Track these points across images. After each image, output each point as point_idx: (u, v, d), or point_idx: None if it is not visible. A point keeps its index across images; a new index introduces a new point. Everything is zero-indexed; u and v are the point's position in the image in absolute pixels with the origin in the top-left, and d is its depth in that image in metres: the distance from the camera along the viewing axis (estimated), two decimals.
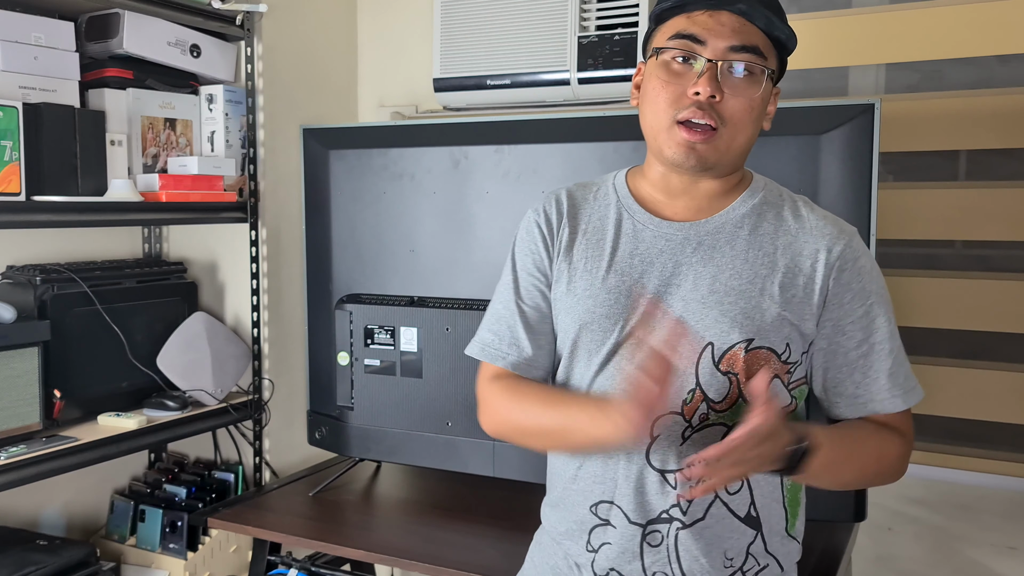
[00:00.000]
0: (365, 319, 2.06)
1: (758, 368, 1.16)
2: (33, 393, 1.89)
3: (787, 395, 1.20)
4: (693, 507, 1.19)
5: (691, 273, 1.18)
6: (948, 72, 1.99)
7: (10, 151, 1.75)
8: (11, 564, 1.77)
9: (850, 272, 1.18)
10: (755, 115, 1.16)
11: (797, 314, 1.17)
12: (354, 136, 2.11)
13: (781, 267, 1.18)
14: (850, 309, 1.18)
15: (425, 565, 1.73)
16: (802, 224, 1.21)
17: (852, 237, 1.20)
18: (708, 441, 1.15)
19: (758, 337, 1.16)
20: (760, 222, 1.21)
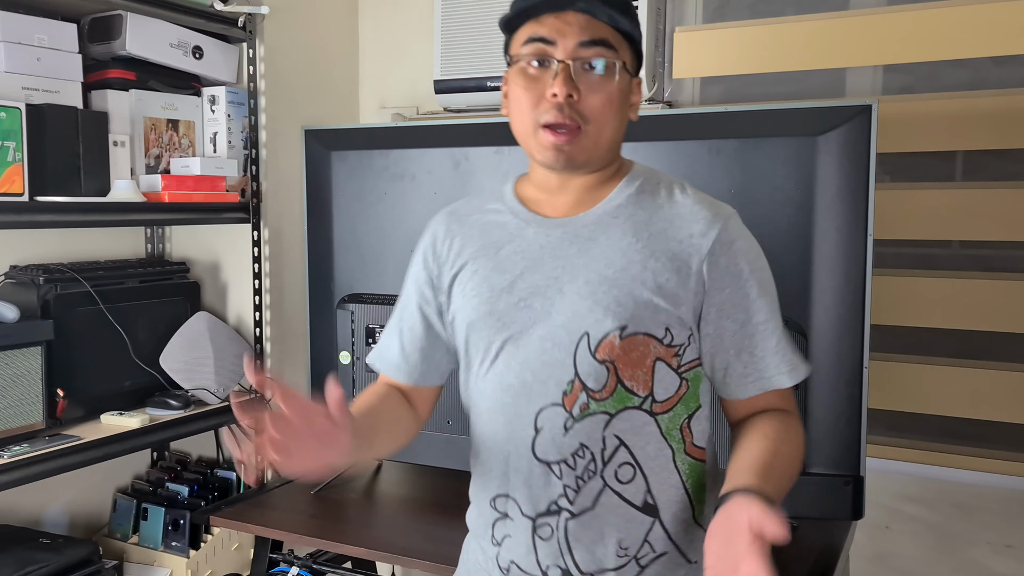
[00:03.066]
0: (367, 318, 2.07)
1: (638, 355, 1.17)
2: (36, 392, 1.90)
3: (676, 378, 1.20)
4: (581, 496, 1.20)
5: (569, 266, 1.20)
6: (943, 74, 2.00)
7: (13, 152, 1.76)
8: (14, 563, 1.78)
9: (726, 256, 1.18)
10: (616, 108, 1.18)
11: (672, 299, 1.17)
12: (355, 137, 2.12)
13: (656, 253, 1.18)
14: (731, 293, 1.19)
15: (426, 563, 1.74)
16: (676, 209, 1.21)
17: (728, 219, 1.20)
18: (588, 430, 1.18)
19: (631, 324, 1.17)
20: (636, 210, 1.21)
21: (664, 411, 1.20)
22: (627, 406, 1.18)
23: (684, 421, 1.22)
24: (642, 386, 1.18)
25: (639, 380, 1.18)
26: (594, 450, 1.19)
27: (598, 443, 1.19)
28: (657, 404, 1.19)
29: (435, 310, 1.33)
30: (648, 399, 1.19)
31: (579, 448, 1.19)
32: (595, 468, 1.19)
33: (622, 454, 1.19)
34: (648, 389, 1.19)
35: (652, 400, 1.19)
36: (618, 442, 1.18)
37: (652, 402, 1.19)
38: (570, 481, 1.20)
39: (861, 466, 1.67)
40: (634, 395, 1.18)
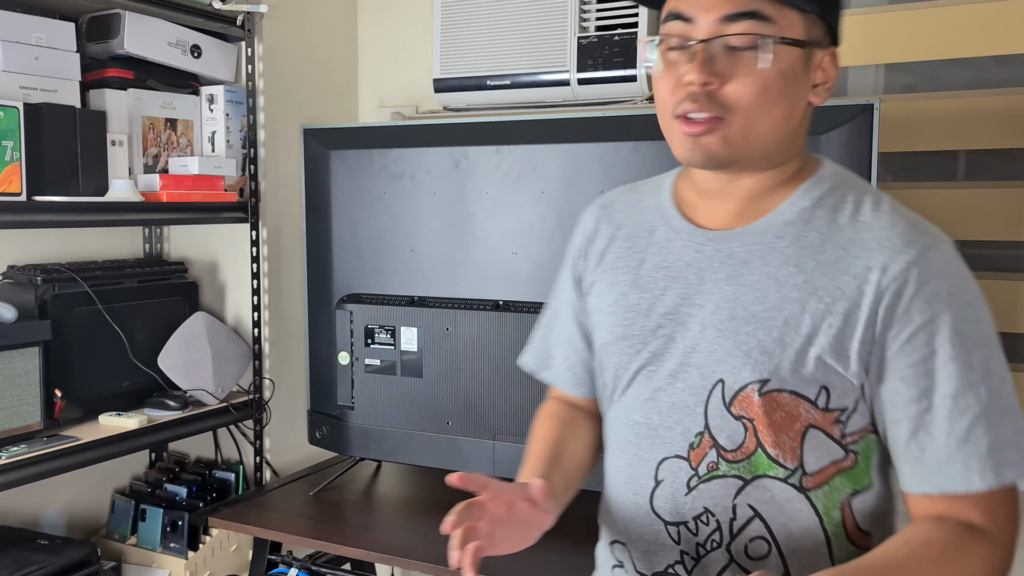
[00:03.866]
0: (365, 319, 2.07)
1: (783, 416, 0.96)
2: (34, 393, 1.89)
3: (837, 449, 0.98)
4: (700, 568, 1.02)
5: (716, 294, 1.01)
6: (946, 73, 1.99)
7: (11, 151, 1.75)
8: (12, 564, 1.77)
9: (910, 298, 0.92)
10: (774, 93, 0.94)
11: (834, 353, 0.94)
12: (354, 136, 2.11)
13: (820, 291, 0.95)
14: (909, 348, 0.93)
15: (426, 564, 1.74)
16: (859, 232, 0.96)
17: (926, 251, 0.93)
18: (716, 494, 1.00)
19: (775, 379, 0.96)
20: (807, 230, 0.98)
21: (816, 486, 0.98)
22: (767, 474, 0.99)
23: (846, 499, 0.99)
24: (789, 455, 0.98)
25: (785, 448, 0.97)
26: (721, 518, 1.01)
27: (727, 511, 1.00)
28: (808, 477, 0.98)
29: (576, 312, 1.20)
30: (797, 472, 0.98)
31: (703, 513, 1.02)
32: (720, 540, 1.01)
33: (755, 526, 1.00)
34: (797, 460, 0.98)
35: (802, 472, 0.98)
36: (752, 513, 0.99)
37: (802, 475, 0.98)
38: (689, 548, 1.03)
39: None
40: (778, 465, 0.98)
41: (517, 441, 1.92)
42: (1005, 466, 0.91)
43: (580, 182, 1.86)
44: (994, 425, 0.91)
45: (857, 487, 1.00)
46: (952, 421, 0.92)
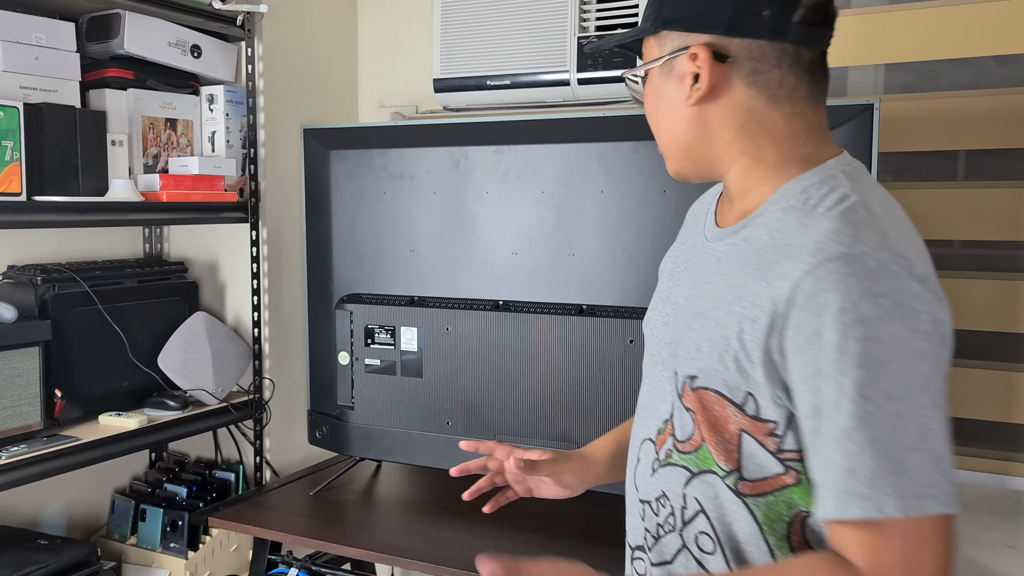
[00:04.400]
0: (365, 319, 2.07)
1: (715, 416, 0.97)
2: (34, 393, 1.89)
3: (773, 463, 0.95)
4: (660, 546, 1.07)
5: (691, 288, 1.06)
6: (945, 73, 1.99)
7: (11, 151, 1.75)
8: (12, 564, 1.77)
9: (802, 310, 0.88)
10: (654, 114, 1.07)
11: (749, 358, 0.94)
12: (354, 136, 2.11)
13: (747, 293, 0.95)
14: (798, 363, 0.89)
15: (425, 564, 1.74)
16: (798, 236, 0.94)
17: (829, 260, 0.88)
18: (670, 480, 1.04)
19: (702, 376, 0.98)
20: (762, 231, 0.99)
21: (755, 494, 0.97)
22: (712, 471, 0.99)
23: (797, 518, 0.96)
24: (724, 456, 0.98)
25: (720, 448, 0.98)
26: (674, 504, 1.04)
27: (679, 499, 1.04)
28: (745, 484, 0.97)
29: None
30: (734, 475, 0.97)
31: (661, 496, 1.06)
32: (674, 524, 1.05)
33: (701, 521, 1.01)
34: (734, 464, 0.97)
35: (739, 477, 0.97)
36: (699, 507, 1.01)
37: (739, 479, 0.97)
38: (651, 527, 1.08)
39: None
40: (718, 464, 0.98)
41: (517, 441, 1.92)
42: (852, 498, 0.85)
43: (580, 182, 1.86)
44: (852, 454, 0.85)
45: (805, 508, 0.95)
46: (821, 443, 0.89)
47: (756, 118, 1.00)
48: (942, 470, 0.85)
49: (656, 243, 1.80)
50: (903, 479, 0.84)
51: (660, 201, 1.79)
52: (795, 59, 0.98)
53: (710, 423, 0.98)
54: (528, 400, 1.91)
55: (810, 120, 1.01)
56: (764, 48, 0.98)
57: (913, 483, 0.84)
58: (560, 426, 1.88)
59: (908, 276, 0.88)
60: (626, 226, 1.83)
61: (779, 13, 0.96)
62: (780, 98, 0.99)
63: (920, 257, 0.92)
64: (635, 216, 1.82)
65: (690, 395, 1.01)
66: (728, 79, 0.99)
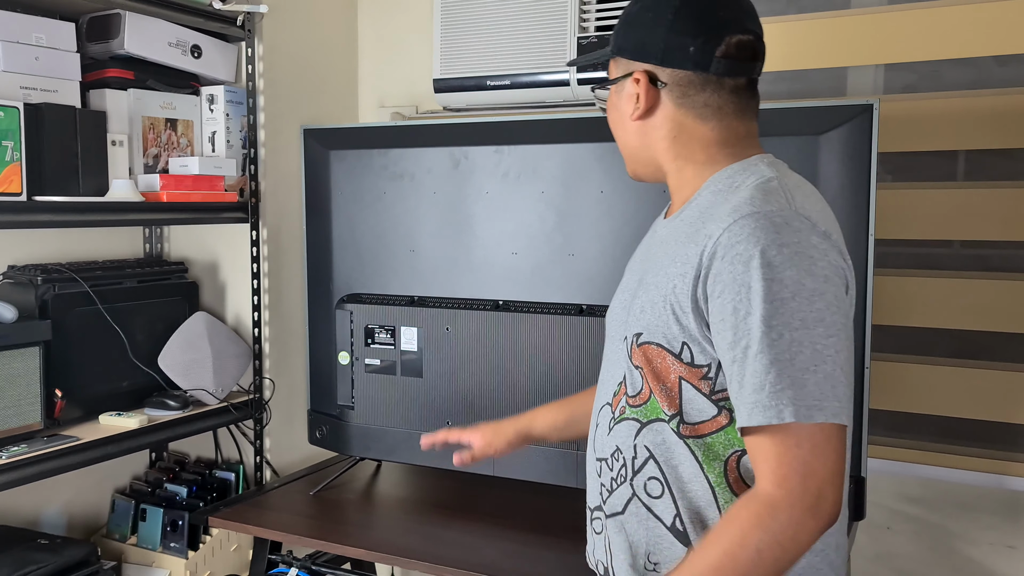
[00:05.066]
0: (365, 319, 2.07)
1: (659, 367, 1.14)
2: (34, 392, 1.89)
3: (708, 405, 1.12)
4: (613, 498, 1.21)
5: (645, 268, 1.23)
6: (946, 72, 1.99)
7: (11, 151, 1.75)
8: (12, 563, 1.78)
9: (722, 260, 1.06)
10: (614, 121, 1.27)
11: (679, 309, 1.11)
12: (354, 136, 2.11)
13: (678, 258, 1.13)
14: (720, 305, 1.06)
15: (425, 564, 1.74)
16: (720, 207, 1.13)
17: (742, 217, 1.06)
18: (623, 434, 1.20)
19: (646, 332, 1.15)
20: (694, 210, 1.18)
21: (695, 436, 1.13)
22: (658, 418, 1.16)
23: (732, 456, 1.12)
24: (667, 403, 1.14)
25: (664, 396, 1.14)
26: (626, 456, 1.19)
27: (630, 450, 1.19)
28: (686, 426, 1.13)
29: None
30: (676, 418, 1.14)
31: (615, 450, 1.21)
32: (625, 475, 1.19)
33: (651, 467, 1.17)
34: (675, 408, 1.14)
35: (680, 421, 1.14)
36: (648, 454, 1.17)
37: (680, 423, 1.14)
38: (606, 481, 1.23)
39: (862, 467, 1.67)
40: (663, 411, 1.15)
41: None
42: (757, 408, 1.02)
43: (580, 182, 1.86)
44: (758, 372, 1.02)
45: (739, 446, 1.11)
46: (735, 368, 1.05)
47: (686, 131, 1.20)
48: (833, 388, 1.02)
49: None
50: (799, 393, 1.01)
51: (660, 201, 1.78)
52: (719, 85, 1.17)
53: (654, 374, 1.15)
54: (528, 400, 1.91)
55: (737, 131, 1.20)
56: (691, 77, 1.17)
57: (807, 396, 1.01)
58: None
59: (810, 231, 1.06)
60: (626, 226, 1.83)
61: (703, 49, 1.15)
62: (707, 116, 1.18)
63: (823, 219, 1.10)
64: (635, 216, 1.82)
65: (637, 352, 1.16)
66: (661, 100, 1.20)
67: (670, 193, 1.27)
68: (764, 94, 1.26)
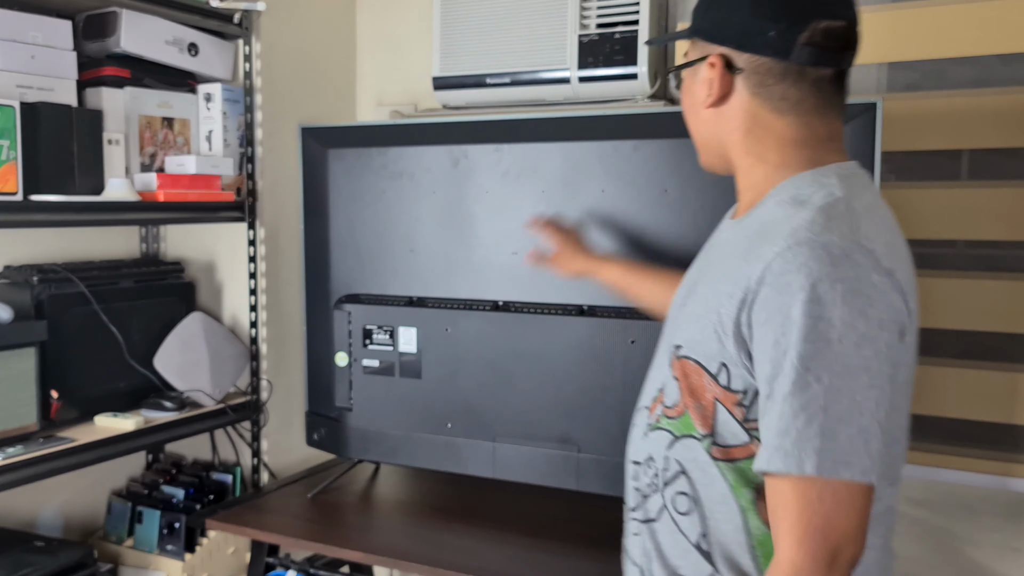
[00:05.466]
0: (364, 319, 2.05)
1: (695, 384, 1.09)
2: (30, 393, 1.88)
3: (740, 431, 1.06)
4: (647, 505, 1.18)
5: (702, 275, 1.18)
6: (950, 71, 1.98)
7: (7, 150, 1.74)
8: (8, 565, 1.77)
9: (770, 288, 0.98)
10: (687, 107, 1.21)
11: (724, 330, 1.04)
12: (353, 135, 2.10)
13: (729, 275, 1.06)
14: (760, 335, 1.00)
15: (424, 567, 1.73)
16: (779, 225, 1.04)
17: (798, 244, 0.98)
18: (657, 443, 1.16)
19: (686, 346, 1.10)
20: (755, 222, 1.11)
21: (727, 459, 1.07)
22: (691, 435, 1.10)
23: (763, 485, 1.04)
24: (701, 422, 1.09)
25: (698, 414, 1.09)
26: (659, 466, 1.15)
27: (662, 460, 1.15)
28: (718, 448, 1.07)
29: None
30: (708, 439, 1.08)
31: (649, 458, 1.18)
32: (657, 484, 1.16)
33: (681, 482, 1.12)
34: (709, 428, 1.08)
35: (713, 442, 1.08)
36: (679, 468, 1.12)
37: (712, 444, 1.08)
38: (640, 486, 1.20)
39: None
40: (697, 429, 1.10)
41: (517, 442, 1.91)
42: (778, 454, 0.96)
43: (581, 181, 1.85)
44: (786, 415, 0.95)
45: None
46: (767, 405, 0.98)
47: (761, 124, 1.12)
48: (867, 444, 0.94)
49: (657, 242, 1.79)
50: (827, 445, 0.94)
51: (661, 200, 1.78)
52: (799, 76, 1.08)
53: (690, 390, 1.10)
54: (528, 402, 1.89)
55: (817, 131, 1.11)
56: (770, 64, 1.09)
57: (836, 450, 0.94)
58: (560, 427, 1.87)
59: (871, 268, 0.97)
60: (626, 225, 1.81)
61: (784, 34, 1.07)
62: (784, 109, 1.10)
63: (890, 253, 1.01)
64: (636, 215, 1.80)
65: (676, 364, 1.13)
66: (736, 88, 1.12)
67: (737, 192, 1.19)
68: None
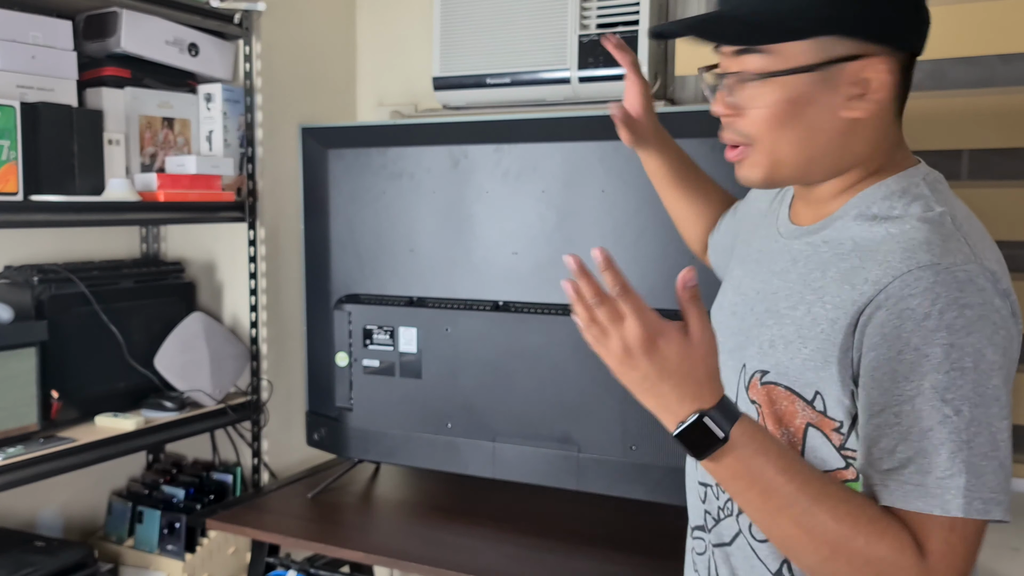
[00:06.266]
0: (364, 319, 2.05)
1: (782, 410, 1.00)
2: (31, 394, 1.88)
3: (836, 457, 0.99)
4: (719, 528, 1.11)
5: (767, 286, 1.07)
6: (950, 71, 1.98)
7: (7, 150, 1.74)
8: (9, 566, 1.77)
9: (889, 312, 0.90)
10: (786, 120, 0.97)
11: (823, 357, 0.96)
12: (353, 135, 2.10)
13: (827, 297, 0.97)
14: (870, 358, 0.92)
15: (424, 567, 1.73)
16: (882, 243, 0.95)
17: (918, 267, 0.90)
18: None
19: (774, 371, 1.01)
20: (845, 236, 1.00)
21: None
22: None
23: None
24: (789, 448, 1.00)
25: (784, 441, 1.01)
26: None
27: None
28: None
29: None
30: None
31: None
32: (731, 509, 1.09)
33: None
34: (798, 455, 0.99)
35: None
36: None
37: None
38: (711, 509, 1.13)
39: None
40: None
41: (517, 442, 1.91)
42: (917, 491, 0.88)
43: (581, 181, 1.85)
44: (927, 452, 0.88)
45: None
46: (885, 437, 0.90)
47: (885, 131, 1.00)
48: (1007, 479, 0.88)
49: (657, 243, 1.79)
50: (975, 483, 0.86)
51: (661, 200, 1.78)
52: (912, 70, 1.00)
53: (775, 416, 1.01)
54: (528, 402, 1.90)
55: (898, 130, 1.03)
56: (908, 61, 0.99)
57: (984, 488, 0.87)
58: (560, 427, 1.87)
59: (993, 291, 0.90)
60: (627, 226, 1.81)
61: (918, 23, 0.98)
62: (899, 110, 1.01)
63: (1004, 272, 0.94)
64: (636, 215, 1.80)
65: (758, 389, 1.03)
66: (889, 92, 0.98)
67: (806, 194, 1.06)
68: None
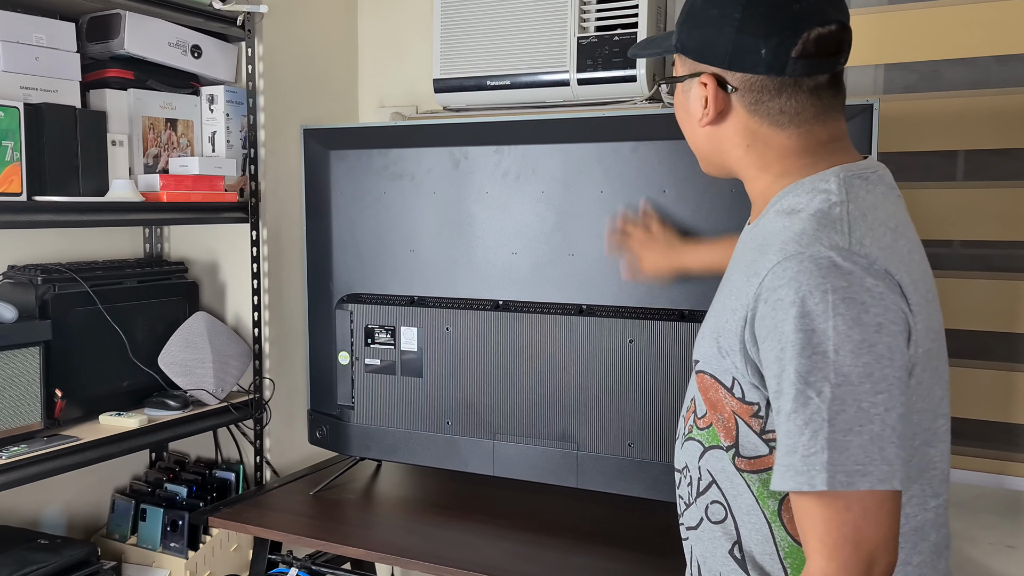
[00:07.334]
0: (365, 319, 2.07)
1: (714, 397, 1.08)
2: (34, 392, 1.89)
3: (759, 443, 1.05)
4: (690, 512, 1.17)
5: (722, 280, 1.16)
6: (945, 72, 1.99)
7: (11, 151, 1.75)
8: (12, 563, 1.78)
9: (765, 304, 0.98)
10: (682, 120, 1.18)
11: (730, 345, 1.04)
12: (354, 136, 2.11)
13: (736, 289, 1.06)
14: (764, 351, 0.99)
15: (425, 564, 1.74)
16: (779, 235, 1.02)
17: (786, 258, 0.97)
18: (690, 453, 1.15)
19: (703, 360, 1.11)
20: (759, 232, 1.08)
21: (752, 470, 1.06)
22: (717, 446, 1.10)
23: (787, 496, 1.04)
24: (724, 433, 1.08)
25: (721, 426, 1.08)
26: (693, 475, 1.15)
27: (696, 470, 1.14)
28: (742, 459, 1.07)
29: None
30: (732, 450, 1.08)
31: (685, 467, 1.17)
32: (694, 493, 1.15)
33: (714, 491, 1.11)
34: (732, 439, 1.07)
35: (737, 453, 1.07)
36: (711, 478, 1.11)
37: (736, 455, 1.07)
38: (683, 494, 1.19)
39: None
40: (720, 440, 1.09)
41: (517, 440, 1.92)
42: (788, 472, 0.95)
43: (580, 182, 1.86)
44: (792, 433, 0.94)
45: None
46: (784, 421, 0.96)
47: (761, 139, 1.09)
48: (882, 450, 0.92)
49: None
50: (838, 457, 0.91)
51: (660, 201, 1.79)
52: (796, 88, 1.05)
53: (711, 403, 1.09)
54: (528, 400, 1.91)
55: (819, 136, 1.08)
56: (764, 81, 1.05)
57: (848, 460, 0.91)
58: (560, 426, 1.88)
59: (864, 272, 0.95)
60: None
61: (776, 51, 1.03)
62: (783, 123, 1.07)
63: (889, 255, 0.98)
64: (635, 216, 1.82)
65: (696, 377, 1.13)
66: (733, 106, 1.09)
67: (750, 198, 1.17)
68: None
